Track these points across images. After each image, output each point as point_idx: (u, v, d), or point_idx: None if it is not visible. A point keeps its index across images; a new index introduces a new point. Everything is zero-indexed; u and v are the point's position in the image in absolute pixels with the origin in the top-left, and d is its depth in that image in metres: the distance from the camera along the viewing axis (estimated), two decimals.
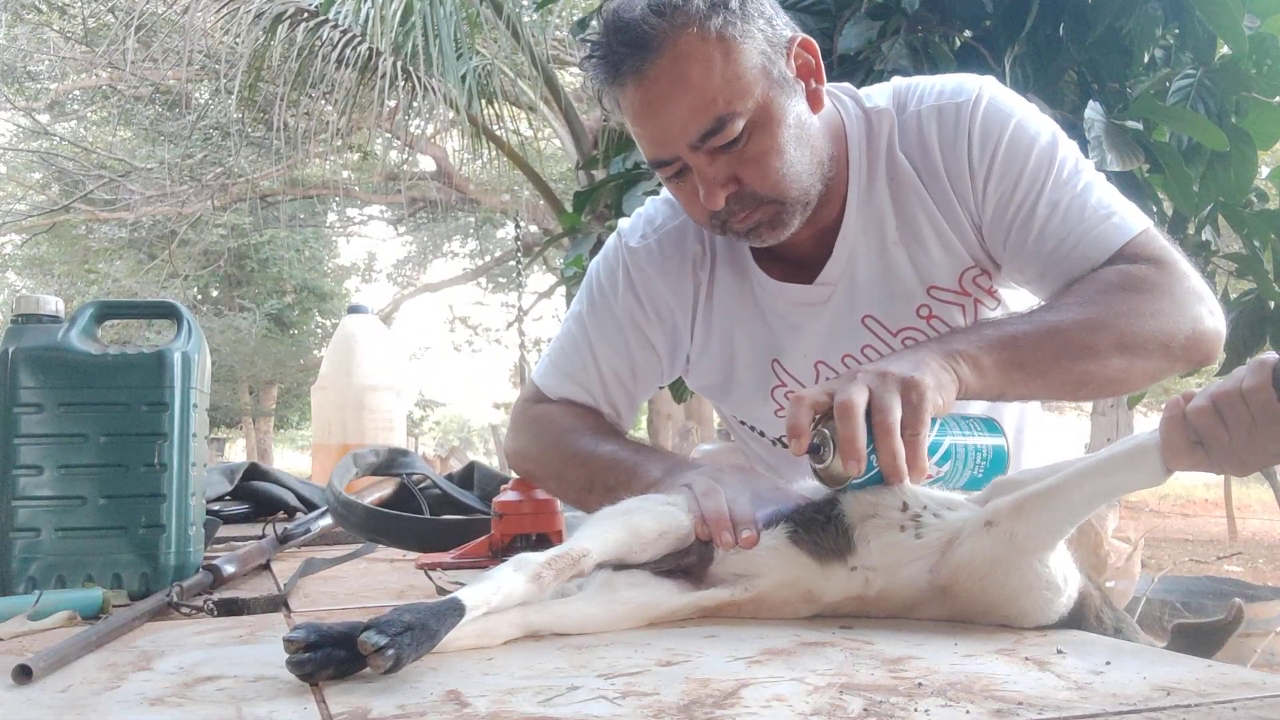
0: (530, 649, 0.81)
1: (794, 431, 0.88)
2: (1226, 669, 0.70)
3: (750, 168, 1.08)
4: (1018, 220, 1.13)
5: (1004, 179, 1.13)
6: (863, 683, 0.68)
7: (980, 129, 1.14)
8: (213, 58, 7.43)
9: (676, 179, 1.13)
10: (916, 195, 1.16)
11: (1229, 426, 0.76)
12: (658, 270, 1.27)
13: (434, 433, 25.17)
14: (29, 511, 1.06)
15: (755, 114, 1.06)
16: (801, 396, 0.91)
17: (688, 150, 1.07)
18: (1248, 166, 2.79)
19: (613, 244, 1.32)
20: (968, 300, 1.19)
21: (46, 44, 11.12)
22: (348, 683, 0.70)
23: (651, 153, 1.11)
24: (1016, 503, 0.82)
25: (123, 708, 0.67)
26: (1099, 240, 1.10)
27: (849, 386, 0.90)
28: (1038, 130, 1.15)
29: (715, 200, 1.09)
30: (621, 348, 1.29)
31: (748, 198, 1.10)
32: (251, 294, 15.60)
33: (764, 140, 1.07)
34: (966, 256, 1.17)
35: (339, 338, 3.89)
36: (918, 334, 1.19)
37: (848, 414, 0.87)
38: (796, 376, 1.25)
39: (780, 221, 1.12)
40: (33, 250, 14.72)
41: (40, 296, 1.14)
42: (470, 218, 14.33)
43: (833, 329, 1.22)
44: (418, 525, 1.43)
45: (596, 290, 1.31)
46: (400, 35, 5.61)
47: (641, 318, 1.28)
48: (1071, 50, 2.77)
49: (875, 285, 1.19)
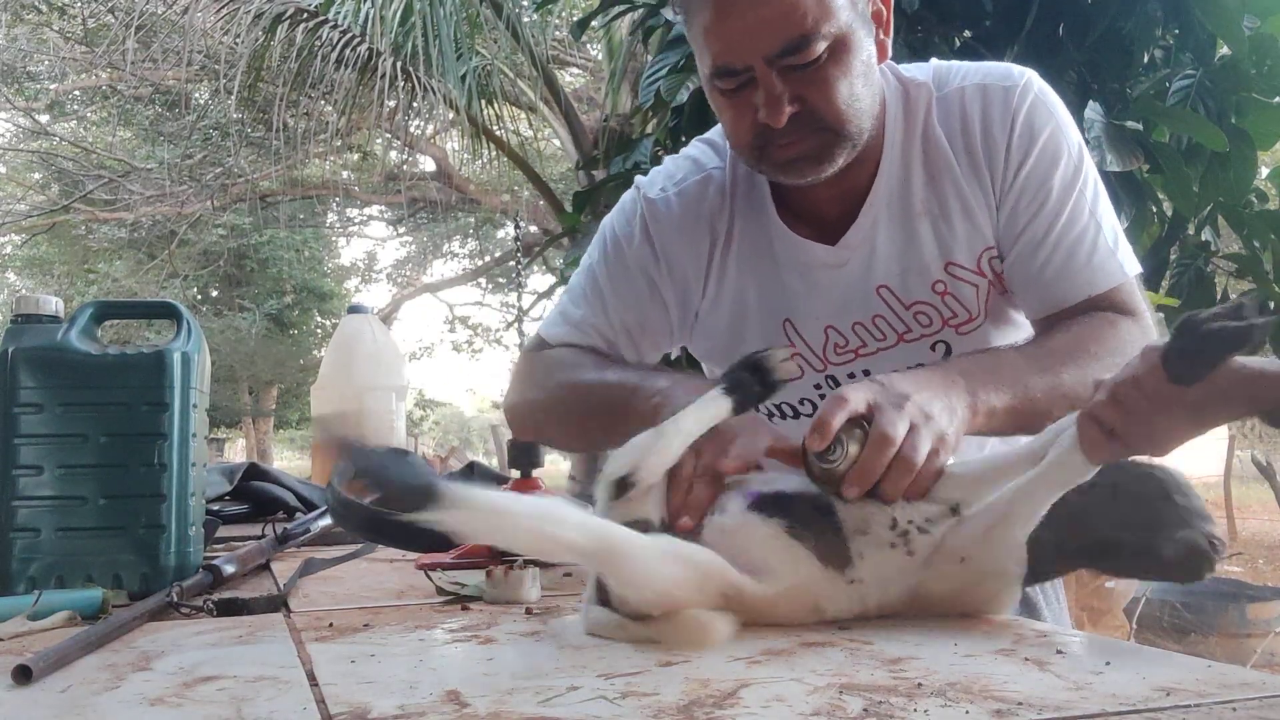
0: (530, 649, 0.81)
1: (821, 427, 0.88)
2: (1226, 669, 0.70)
3: (819, 90, 1.06)
4: (1031, 232, 1.14)
5: (1031, 178, 1.14)
6: (862, 683, 0.68)
7: (1025, 118, 1.14)
8: (212, 58, 7.42)
9: (735, 93, 1.09)
10: (948, 169, 1.16)
11: (1132, 414, 0.79)
12: (674, 223, 1.25)
13: (434, 433, 25.16)
14: (29, 511, 1.06)
15: (836, 40, 1.05)
16: (845, 398, 0.89)
17: (762, 62, 1.05)
18: (1247, 167, 2.79)
19: (630, 196, 1.30)
20: (982, 281, 1.19)
21: (46, 44, 11.11)
22: (348, 683, 0.70)
23: (722, 58, 1.07)
24: (979, 536, 0.86)
25: (123, 708, 0.67)
26: (1100, 274, 1.14)
27: (896, 417, 0.89)
28: (1073, 140, 1.17)
29: (779, 116, 1.06)
30: (631, 299, 1.26)
31: (806, 120, 1.07)
32: (251, 294, 15.60)
33: (838, 67, 1.06)
34: (989, 235, 1.17)
35: (339, 338, 3.88)
36: (930, 309, 1.19)
37: (883, 446, 0.87)
38: (807, 339, 1.24)
39: (826, 155, 1.10)
40: (33, 250, 14.72)
41: (40, 296, 1.14)
42: (470, 218, 14.32)
43: (846, 295, 1.21)
44: (418, 525, 1.43)
45: (610, 241, 1.29)
46: (400, 35, 5.61)
47: (655, 270, 1.26)
48: (1071, 50, 2.77)
49: (894, 256, 1.19)
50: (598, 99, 7.97)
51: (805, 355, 1.24)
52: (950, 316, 1.20)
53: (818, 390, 1.26)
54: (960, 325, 1.20)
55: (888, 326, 1.21)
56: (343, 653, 0.80)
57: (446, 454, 6.89)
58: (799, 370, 0.89)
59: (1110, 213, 1.18)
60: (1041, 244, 1.14)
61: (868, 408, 0.90)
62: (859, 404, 0.90)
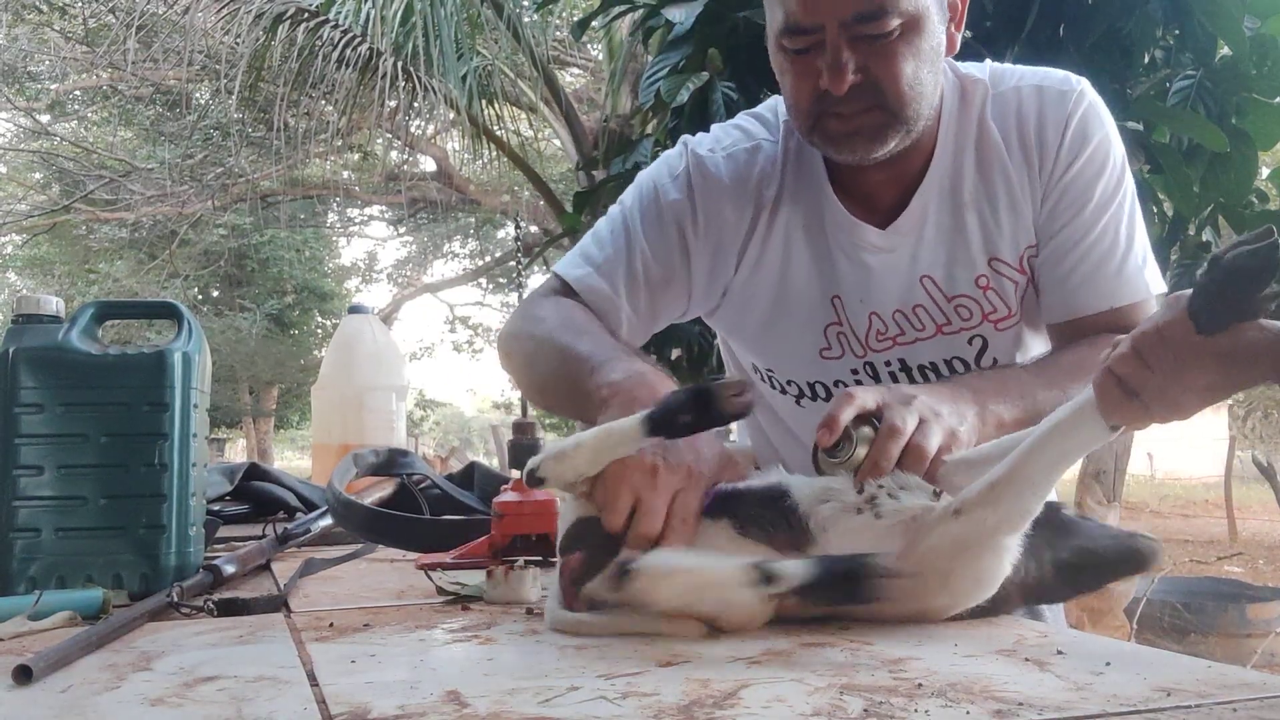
0: (530, 649, 0.81)
1: (830, 423, 0.88)
2: (1227, 669, 0.70)
3: (886, 65, 1.06)
4: (1067, 233, 1.16)
5: (1077, 180, 1.16)
6: (863, 683, 0.68)
7: (1079, 123, 1.16)
8: (213, 58, 7.42)
9: (800, 55, 1.08)
10: (1000, 163, 1.17)
11: (1154, 369, 0.76)
12: (720, 184, 1.22)
13: (434, 433, 25.17)
14: (29, 511, 1.06)
15: (911, 17, 1.05)
16: (853, 395, 0.90)
17: (835, 24, 1.04)
18: (1248, 167, 2.79)
19: (677, 150, 1.27)
20: (1021, 279, 1.19)
21: (47, 44, 11.11)
22: (349, 683, 0.70)
23: (795, 15, 1.06)
24: (984, 490, 0.81)
25: (123, 708, 0.67)
26: (1127, 287, 1.16)
27: (905, 412, 0.90)
28: (1118, 154, 1.19)
29: (841, 83, 1.05)
30: (661, 248, 1.22)
31: (868, 92, 1.07)
32: (252, 294, 15.61)
33: (908, 46, 1.06)
34: (1032, 233, 1.18)
35: (339, 338, 3.88)
36: (971, 303, 1.19)
37: (895, 436, 0.88)
38: (852, 322, 1.23)
39: (880, 135, 1.09)
40: (33, 250, 14.72)
41: (41, 296, 1.14)
42: (470, 218, 14.33)
43: (891, 282, 1.21)
44: (417, 525, 1.43)
45: (648, 186, 1.25)
46: (401, 35, 5.61)
47: (690, 226, 1.22)
48: (1072, 51, 2.77)
49: (941, 247, 1.19)
50: (598, 99, 7.98)
51: (848, 337, 1.24)
52: (990, 311, 1.20)
53: (854, 375, 1.25)
54: (999, 321, 1.21)
55: (927, 317, 1.21)
56: (343, 653, 0.80)
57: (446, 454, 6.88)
58: (748, 407, 0.86)
59: (1143, 232, 1.20)
60: (1075, 248, 1.16)
61: (877, 405, 0.91)
62: (868, 401, 0.91)
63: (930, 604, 0.86)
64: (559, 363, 1.11)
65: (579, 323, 1.17)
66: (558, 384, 1.11)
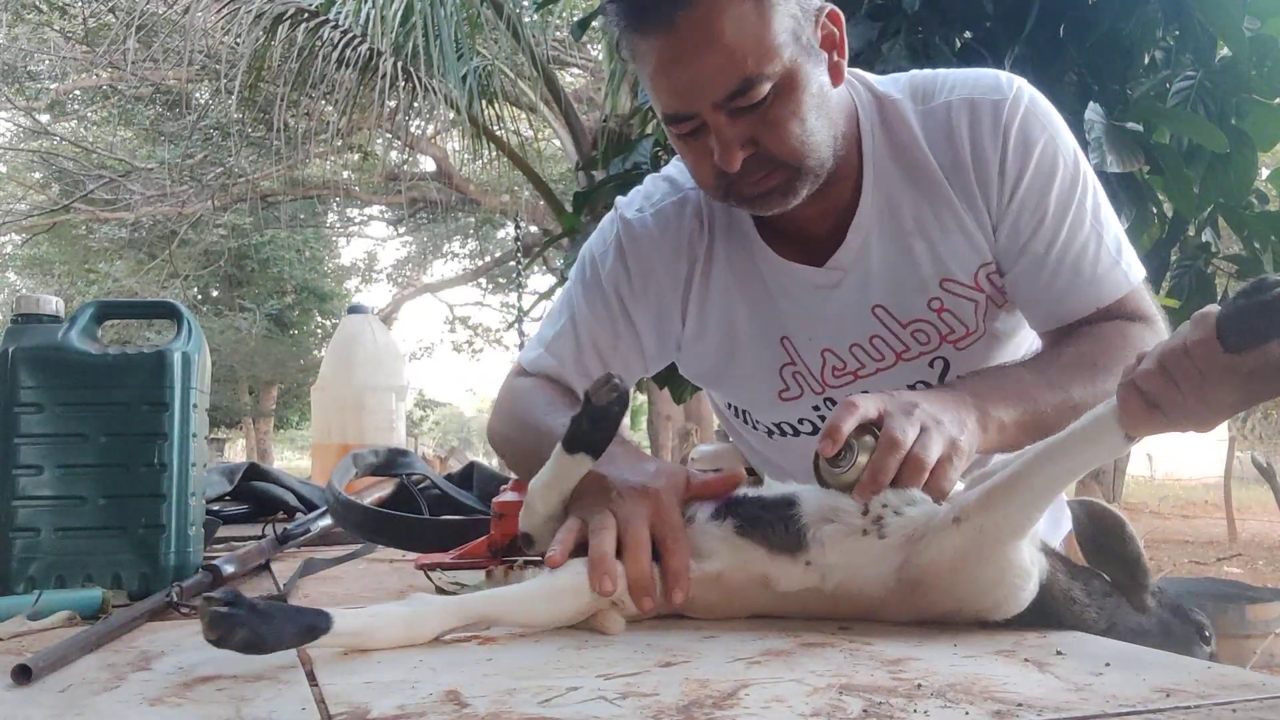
0: (530, 649, 0.81)
1: (832, 433, 0.88)
2: (1226, 670, 0.70)
3: (770, 131, 1.05)
4: (1033, 248, 1.13)
5: (1029, 194, 1.12)
6: (862, 684, 0.68)
7: (1018, 133, 1.12)
8: (213, 58, 7.42)
9: (690, 137, 1.09)
10: (938, 187, 1.14)
11: (1179, 384, 0.76)
12: (651, 243, 1.24)
13: (434, 433, 25.17)
14: (29, 511, 1.06)
15: (782, 78, 1.04)
16: (855, 405, 0.90)
17: (710, 108, 1.04)
18: (1248, 168, 2.79)
19: (609, 218, 1.30)
20: (980, 296, 1.17)
21: (47, 44, 11.12)
22: (348, 683, 0.70)
23: (670, 106, 1.07)
24: (982, 496, 0.82)
25: (122, 707, 0.67)
26: (1106, 286, 1.13)
27: (905, 421, 0.89)
28: (1068, 148, 1.14)
29: (733, 161, 1.06)
30: (604, 316, 1.26)
31: (764, 160, 1.07)
32: (252, 294, 15.62)
33: (787, 105, 1.05)
34: (986, 252, 1.16)
35: (339, 338, 3.88)
36: (928, 326, 1.18)
37: (894, 449, 0.88)
38: (806, 361, 1.23)
39: (791, 189, 1.09)
40: (33, 250, 14.73)
41: (40, 296, 1.14)
42: (470, 218, 14.33)
43: (841, 316, 1.20)
44: (417, 525, 1.43)
45: (587, 261, 1.29)
46: (401, 36, 5.61)
47: (627, 290, 1.25)
48: (1072, 52, 2.77)
49: (889, 276, 1.17)
50: (598, 99, 7.98)
51: (804, 376, 1.24)
52: (948, 333, 1.19)
53: (816, 411, 1.26)
54: (958, 341, 1.19)
55: (885, 346, 1.20)
56: (343, 653, 0.80)
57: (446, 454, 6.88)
58: (616, 389, 0.88)
59: (1112, 218, 1.17)
60: (1044, 262, 1.13)
61: (878, 414, 0.90)
62: (870, 410, 0.90)
63: (932, 611, 0.86)
64: (539, 441, 1.13)
65: (549, 400, 1.22)
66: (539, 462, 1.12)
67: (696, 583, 0.89)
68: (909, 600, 0.86)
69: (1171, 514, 12.97)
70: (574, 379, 1.27)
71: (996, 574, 0.82)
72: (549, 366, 1.28)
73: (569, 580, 0.86)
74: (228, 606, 0.71)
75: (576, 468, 0.94)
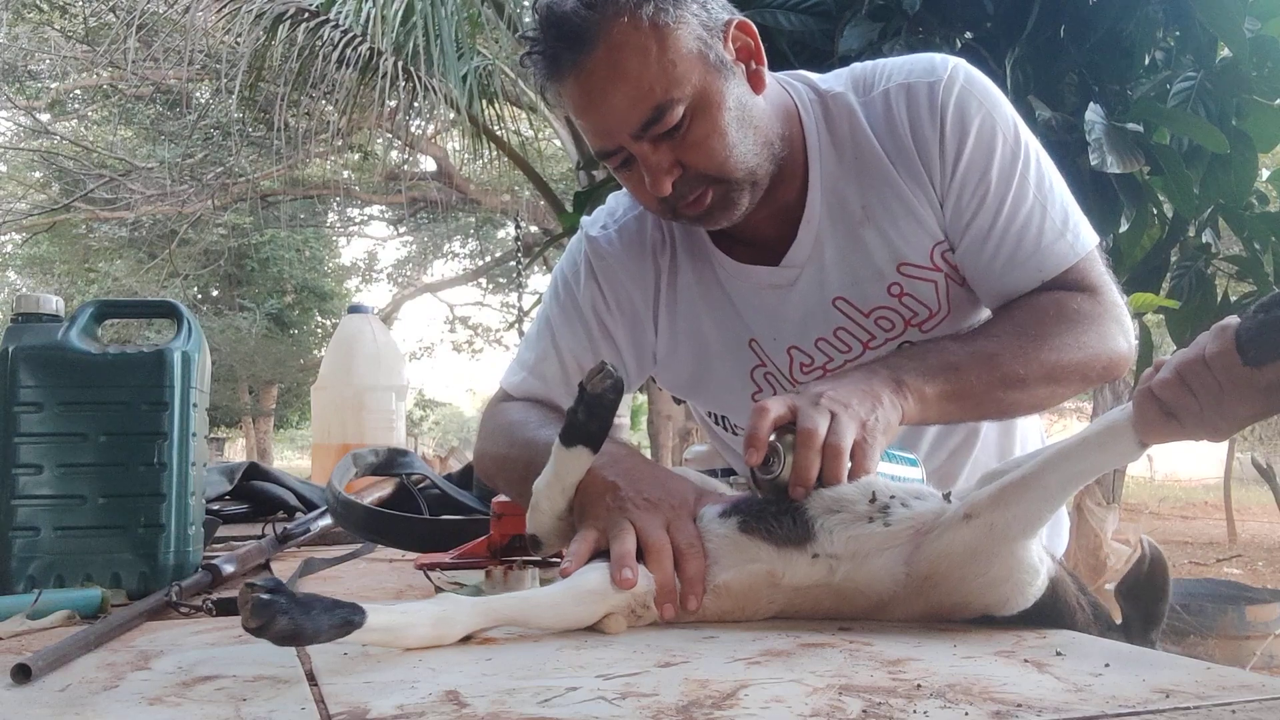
0: (530, 649, 0.81)
1: (753, 442, 0.90)
2: (1225, 671, 0.70)
3: (692, 152, 1.08)
4: (977, 225, 1.14)
5: (970, 171, 1.13)
6: (862, 684, 0.68)
7: (954, 111, 1.13)
8: (213, 57, 7.42)
9: (624, 169, 1.12)
10: (884, 174, 1.16)
11: (1197, 395, 0.77)
12: (617, 258, 1.26)
13: (434, 433, 25.17)
14: (28, 510, 1.06)
15: (694, 99, 1.06)
16: (766, 408, 0.92)
17: (630, 140, 1.07)
18: (1248, 169, 2.79)
19: (576, 238, 1.32)
20: (939, 275, 1.18)
21: (47, 43, 11.11)
22: (347, 683, 0.70)
23: (596, 144, 1.11)
24: (994, 494, 0.82)
25: (121, 707, 0.67)
26: (1050, 258, 1.13)
27: (815, 412, 0.91)
28: (1009, 122, 1.15)
29: (662, 186, 1.08)
30: (583, 335, 1.27)
31: (694, 180, 1.09)
32: (252, 294, 15.61)
33: (704, 125, 1.07)
34: (938, 230, 1.17)
35: (339, 338, 3.89)
36: (891, 313, 1.19)
37: (810, 442, 0.89)
38: (774, 361, 1.24)
39: (730, 202, 1.11)
40: (33, 249, 14.72)
41: (40, 295, 1.14)
42: (470, 218, 14.33)
43: (803, 313, 1.21)
44: (417, 525, 1.43)
45: (560, 283, 1.31)
46: (401, 35, 5.61)
47: (602, 306, 1.26)
48: (1072, 52, 2.77)
49: (845, 267, 1.19)
50: None
51: (774, 376, 1.25)
52: (912, 316, 1.19)
53: None
54: (923, 323, 1.20)
55: (851, 337, 1.21)
56: (341, 652, 0.80)
57: (446, 454, 6.88)
58: (610, 378, 0.90)
59: (1060, 188, 1.17)
60: (988, 236, 1.14)
61: (789, 410, 0.92)
62: (780, 409, 0.92)
63: (941, 606, 0.86)
64: (529, 458, 1.13)
65: (536, 418, 1.22)
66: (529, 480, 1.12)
67: (709, 590, 0.89)
68: (918, 595, 0.86)
69: (1171, 515, 12.97)
70: (561, 400, 1.27)
71: (1005, 570, 0.83)
72: (535, 389, 1.28)
73: (597, 583, 0.86)
74: (270, 594, 0.70)
75: (575, 461, 0.94)
